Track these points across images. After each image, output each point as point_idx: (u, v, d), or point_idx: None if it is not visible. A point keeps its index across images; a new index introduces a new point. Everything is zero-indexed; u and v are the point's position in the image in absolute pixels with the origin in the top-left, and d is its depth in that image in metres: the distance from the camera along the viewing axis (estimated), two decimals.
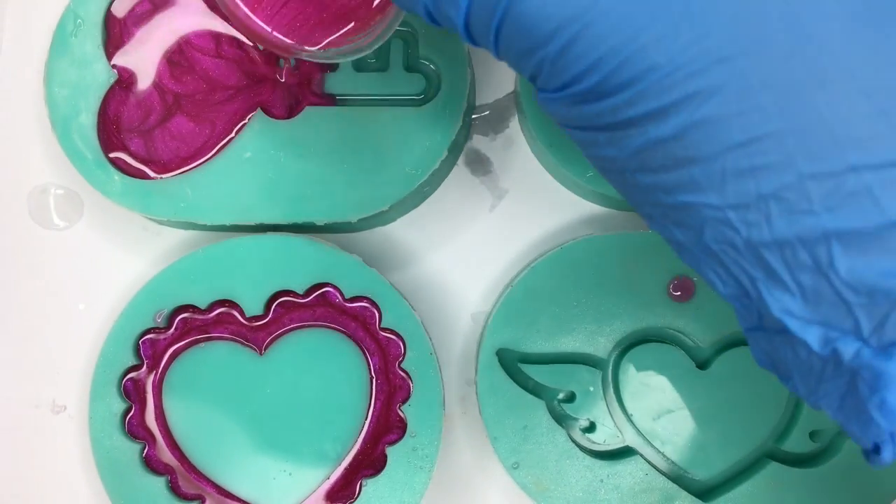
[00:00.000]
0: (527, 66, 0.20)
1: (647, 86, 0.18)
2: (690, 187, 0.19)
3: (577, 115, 0.20)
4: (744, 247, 0.19)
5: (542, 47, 0.19)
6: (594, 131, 0.20)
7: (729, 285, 0.20)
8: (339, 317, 0.32)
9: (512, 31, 0.19)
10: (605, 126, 0.20)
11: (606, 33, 0.18)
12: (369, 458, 0.32)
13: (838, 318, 0.18)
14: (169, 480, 0.32)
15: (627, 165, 0.20)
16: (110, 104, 0.33)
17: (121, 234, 0.35)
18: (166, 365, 0.32)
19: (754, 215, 0.18)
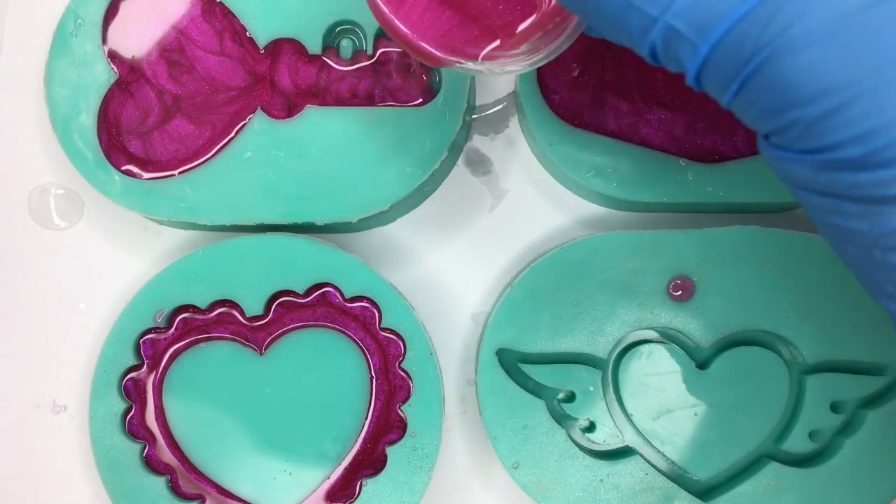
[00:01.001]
0: (770, 122, 0.19)
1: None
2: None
3: (826, 182, 0.19)
4: None
5: (799, 107, 0.18)
6: (843, 200, 0.19)
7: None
8: (339, 317, 0.32)
9: (763, 87, 0.18)
10: (860, 198, 0.18)
11: (888, 104, 0.17)
12: (369, 457, 0.32)
13: None
14: (169, 480, 0.32)
15: (879, 242, 0.19)
16: (110, 105, 0.33)
17: (121, 234, 0.35)
18: (166, 365, 0.32)
19: None
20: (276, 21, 0.32)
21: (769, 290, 0.31)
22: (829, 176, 0.19)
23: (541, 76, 0.32)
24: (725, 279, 0.31)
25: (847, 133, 0.18)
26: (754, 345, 0.31)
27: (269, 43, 0.33)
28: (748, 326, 0.31)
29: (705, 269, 0.31)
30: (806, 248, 0.31)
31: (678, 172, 0.32)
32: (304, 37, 0.32)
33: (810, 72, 0.17)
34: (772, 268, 0.31)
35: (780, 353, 0.31)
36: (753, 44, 0.18)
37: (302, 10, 0.32)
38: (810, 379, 0.31)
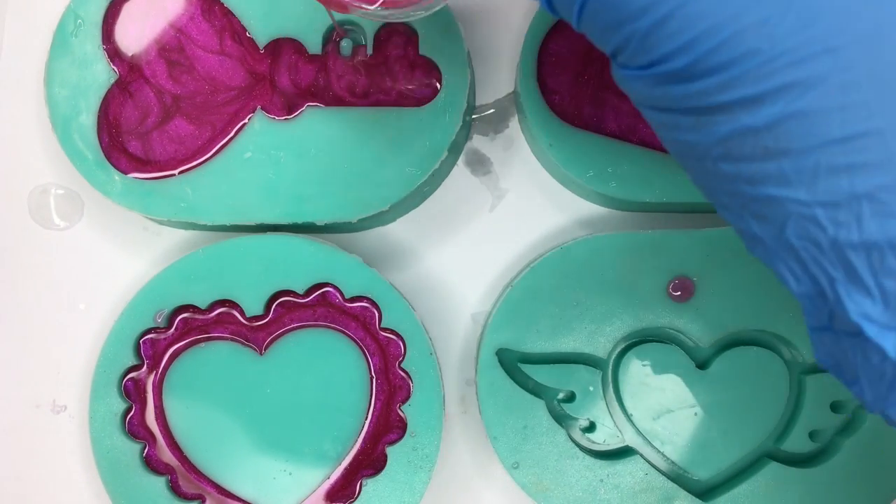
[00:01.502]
0: (610, 40, 0.19)
1: (744, 71, 0.17)
2: (778, 180, 0.18)
3: (661, 96, 0.19)
4: (828, 246, 0.18)
5: (631, 22, 0.18)
6: (677, 114, 0.19)
7: (803, 283, 0.19)
8: (339, 317, 0.32)
9: (600, 3, 0.18)
10: (691, 109, 0.19)
11: (705, 12, 0.17)
12: (369, 457, 0.32)
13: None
14: (169, 480, 0.32)
15: (710, 152, 0.19)
16: (111, 105, 0.33)
17: (121, 234, 0.35)
18: (167, 365, 0.32)
19: (844, 215, 0.18)
20: (276, 21, 0.32)
21: (769, 290, 0.31)
22: (663, 90, 0.19)
23: (541, 76, 0.32)
24: (725, 279, 0.31)
25: (672, 44, 0.18)
26: (754, 345, 0.31)
27: (269, 42, 0.33)
28: (748, 326, 0.31)
29: (705, 269, 0.31)
30: None
31: (678, 172, 0.32)
32: (304, 36, 0.32)
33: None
34: None
35: (780, 353, 0.31)
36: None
37: (302, 9, 0.32)
38: (810, 379, 0.31)
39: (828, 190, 0.18)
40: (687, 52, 0.18)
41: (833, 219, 0.18)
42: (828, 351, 0.20)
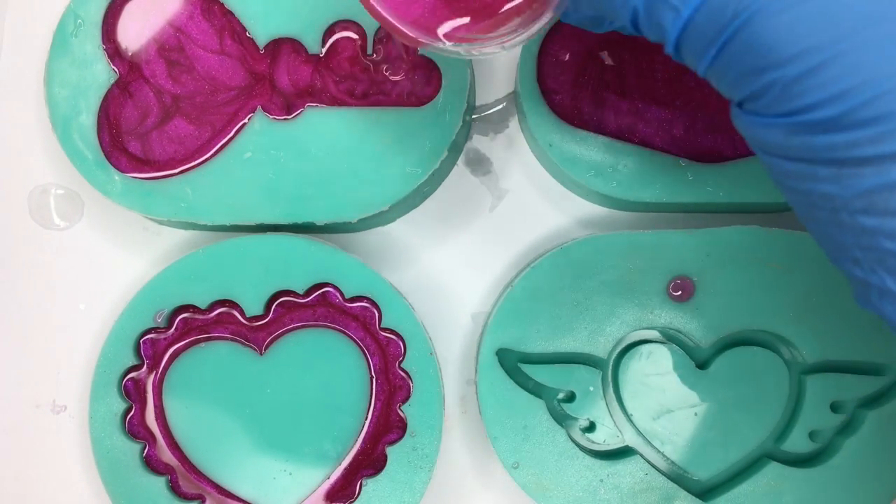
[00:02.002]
0: (746, 86, 0.19)
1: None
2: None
3: (799, 145, 0.19)
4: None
5: (776, 68, 0.18)
6: (815, 164, 0.19)
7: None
8: (339, 317, 0.32)
9: (742, 49, 0.18)
10: (834, 160, 0.19)
11: (863, 63, 0.17)
12: (369, 457, 0.32)
13: None
14: (169, 480, 0.32)
15: (849, 205, 0.19)
16: (110, 105, 0.33)
17: (121, 234, 0.35)
18: (166, 365, 0.32)
19: None
20: (275, 20, 0.32)
21: (769, 290, 0.31)
22: (803, 139, 0.19)
23: (541, 76, 0.32)
24: (725, 279, 0.31)
25: (823, 94, 0.18)
26: (754, 345, 0.31)
27: (269, 42, 0.33)
28: (748, 326, 0.31)
29: (705, 269, 0.31)
30: (806, 248, 0.31)
31: (678, 172, 0.32)
32: (304, 36, 0.32)
33: (788, 34, 0.18)
34: (773, 267, 0.31)
35: (780, 353, 0.31)
36: (734, 7, 0.18)
37: (301, 9, 0.32)
38: (810, 379, 0.31)
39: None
40: (839, 102, 0.18)
41: None
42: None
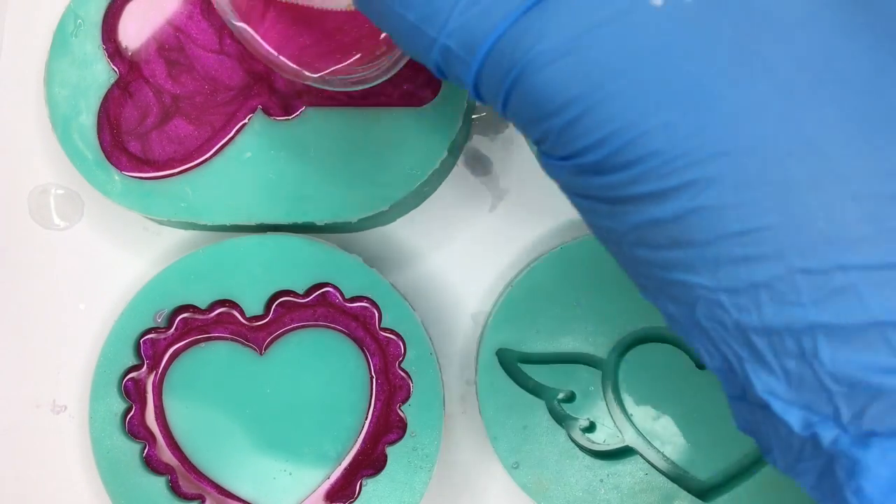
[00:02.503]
0: (533, 132, 0.21)
1: (649, 169, 0.19)
2: (685, 267, 0.20)
3: (580, 185, 0.21)
4: (733, 328, 0.20)
5: (548, 119, 0.20)
6: (595, 201, 0.21)
7: (716, 359, 0.21)
8: (339, 317, 0.32)
9: (520, 100, 0.20)
10: (606, 199, 0.20)
11: (614, 114, 0.19)
12: (369, 457, 0.32)
13: (819, 404, 0.19)
14: (169, 480, 0.32)
15: (625, 238, 0.20)
16: (110, 104, 0.33)
17: (121, 234, 0.35)
18: (167, 365, 0.32)
19: (745, 301, 0.19)
20: None
21: None
22: (581, 180, 0.20)
23: None
24: None
25: (585, 141, 0.19)
26: None
27: None
28: None
29: None
30: None
31: None
32: None
33: (550, 88, 0.19)
34: None
35: None
36: (508, 62, 0.19)
37: None
38: None
39: (729, 278, 0.19)
40: (599, 148, 0.19)
41: (736, 304, 0.19)
42: (745, 419, 0.21)
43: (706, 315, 0.20)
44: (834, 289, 0.18)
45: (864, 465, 0.18)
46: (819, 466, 0.20)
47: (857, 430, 0.19)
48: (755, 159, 0.18)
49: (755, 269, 0.19)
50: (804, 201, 0.18)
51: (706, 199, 0.18)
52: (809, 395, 0.19)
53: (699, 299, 0.20)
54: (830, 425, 0.19)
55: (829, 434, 0.19)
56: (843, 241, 0.18)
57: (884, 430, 0.18)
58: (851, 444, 0.19)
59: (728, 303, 0.19)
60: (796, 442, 0.20)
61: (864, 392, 0.18)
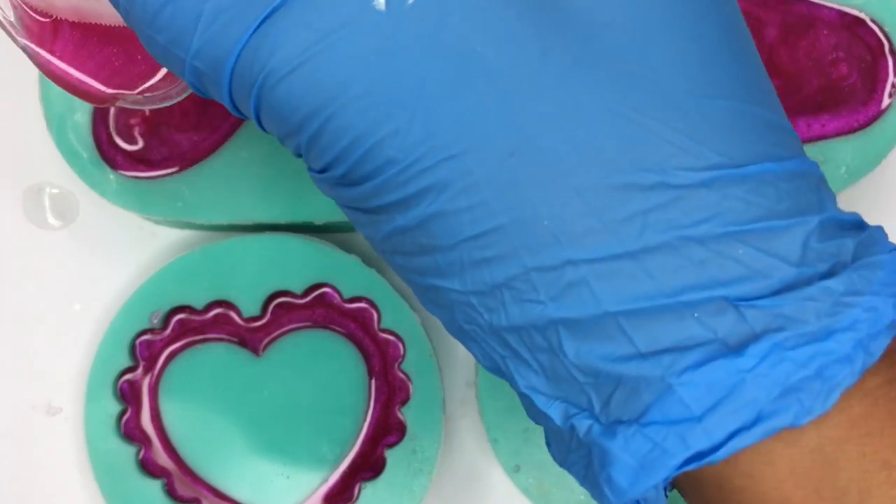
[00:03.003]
0: (290, 146, 0.21)
1: (388, 178, 0.19)
2: (437, 273, 0.20)
3: (339, 197, 0.21)
4: (488, 329, 0.20)
5: (295, 134, 0.20)
6: (356, 212, 0.21)
7: (487, 360, 0.21)
8: (337, 318, 0.32)
9: (268, 117, 0.20)
10: (362, 210, 0.20)
11: (348, 126, 0.19)
12: (368, 460, 0.31)
13: (574, 395, 0.20)
14: (165, 483, 0.31)
15: (384, 247, 0.21)
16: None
17: (117, 233, 0.35)
18: (162, 366, 0.32)
19: (492, 302, 0.19)
20: None
21: None
22: (337, 192, 0.21)
23: None
24: None
25: (329, 155, 0.19)
26: None
27: None
28: None
29: None
30: None
31: None
32: None
33: (288, 103, 0.19)
34: None
35: None
36: (249, 78, 0.19)
37: None
38: None
39: (474, 280, 0.19)
40: (342, 162, 0.19)
41: (485, 305, 0.20)
42: (533, 417, 0.22)
43: (464, 319, 0.20)
44: (566, 284, 0.19)
45: (611, 453, 0.19)
46: (583, 459, 0.20)
47: (606, 420, 0.19)
48: (479, 162, 0.18)
49: (494, 270, 0.19)
50: (529, 200, 0.18)
51: (441, 204, 0.19)
52: (566, 388, 0.20)
53: (455, 304, 0.20)
54: (585, 416, 0.19)
55: (583, 425, 0.19)
56: (569, 236, 0.18)
57: (627, 418, 0.19)
58: (601, 434, 0.19)
59: (478, 305, 0.20)
60: (565, 435, 0.20)
61: (607, 380, 0.19)
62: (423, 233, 0.19)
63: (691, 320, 0.18)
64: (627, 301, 0.18)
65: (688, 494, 0.21)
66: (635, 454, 0.18)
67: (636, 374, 0.19)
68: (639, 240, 0.18)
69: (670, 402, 0.18)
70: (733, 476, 0.19)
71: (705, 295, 0.18)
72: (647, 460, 0.18)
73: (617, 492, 0.19)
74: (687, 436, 0.18)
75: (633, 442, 0.19)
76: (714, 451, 0.18)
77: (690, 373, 0.18)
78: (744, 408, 0.18)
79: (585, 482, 0.20)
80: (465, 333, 0.21)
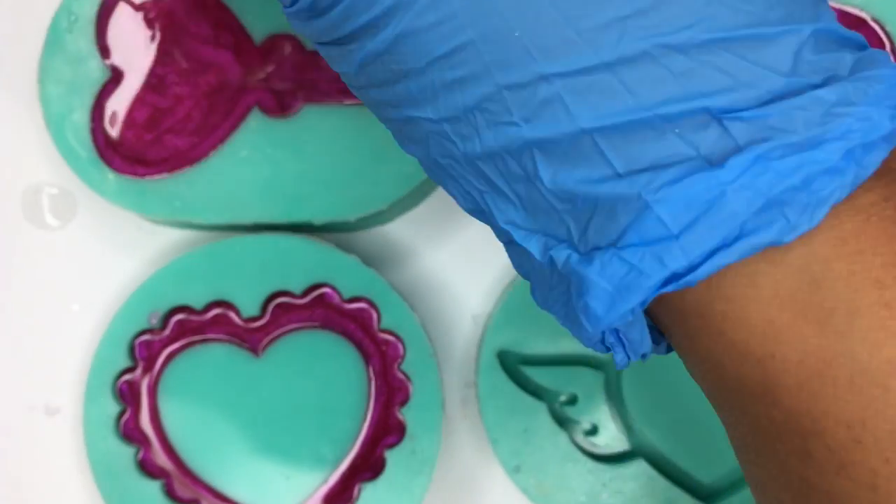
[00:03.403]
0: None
1: (352, 2, 0.19)
2: (410, 101, 0.19)
3: (311, 31, 0.20)
4: (464, 160, 0.19)
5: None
6: (329, 47, 0.20)
7: (466, 200, 0.20)
8: (337, 318, 0.32)
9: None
10: (334, 41, 0.20)
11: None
12: (367, 461, 0.31)
13: (553, 226, 0.19)
14: (164, 484, 0.31)
15: (359, 81, 0.20)
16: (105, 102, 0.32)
17: (115, 233, 0.35)
18: (161, 367, 0.32)
19: (465, 128, 0.19)
20: (273, 16, 0.32)
21: None
22: (309, 25, 0.20)
23: None
24: None
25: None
26: None
27: (266, 38, 0.32)
28: None
29: None
30: None
31: None
32: None
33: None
34: None
35: None
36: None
37: None
38: None
39: (447, 106, 0.19)
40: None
41: (459, 133, 0.19)
42: (514, 262, 0.21)
43: (439, 152, 0.19)
44: (540, 102, 0.18)
45: (588, 280, 0.18)
46: (563, 294, 0.19)
47: (584, 248, 0.18)
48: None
49: (466, 91, 0.18)
50: (498, 9, 0.17)
51: (409, 22, 0.18)
52: (544, 219, 0.19)
53: (429, 135, 0.19)
54: (564, 247, 0.19)
55: (561, 255, 0.19)
56: (541, 48, 0.17)
57: (605, 243, 0.18)
58: (579, 262, 0.18)
59: (452, 133, 0.19)
60: (544, 270, 0.19)
61: (584, 205, 0.18)
62: (393, 57, 0.19)
63: (671, 136, 0.17)
64: (604, 117, 0.17)
65: (672, 331, 0.20)
66: (611, 279, 0.18)
67: (613, 195, 0.17)
68: (615, 49, 0.17)
69: (647, 221, 0.17)
70: (714, 301, 0.18)
71: (687, 107, 0.17)
72: (622, 284, 0.17)
73: (593, 319, 0.18)
74: (664, 255, 0.17)
75: (609, 267, 0.18)
76: (692, 272, 0.17)
77: (667, 189, 0.17)
78: (723, 223, 0.17)
79: (567, 320, 0.19)
80: (442, 169, 0.20)
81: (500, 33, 0.17)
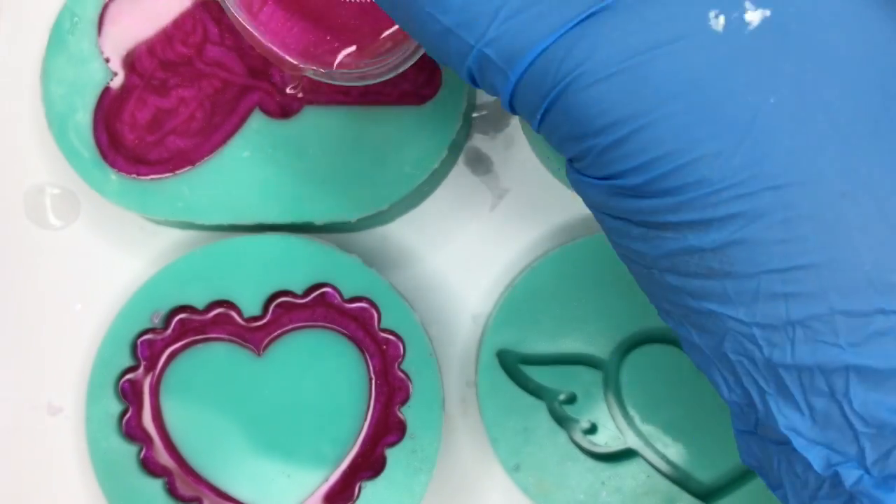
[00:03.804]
0: (570, 149, 0.20)
1: (695, 197, 0.19)
2: (720, 298, 0.19)
3: (614, 206, 0.20)
4: (762, 363, 0.19)
5: (591, 137, 0.19)
6: (629, 223, 0.20)
7: (735, 393, 0.21)
8: (338, 317, 0.32)
9: (561, 117, 0.19)
10: (642, 223, 0.20)
11: (663, 138, 0.18)
12: (368, 460, 0.31)
13: (843, 444, 0.19)
14: (166, 482, 0.31)
15: (657, 263, 0.20)
16: (107, 103, 0.33)
17: (118, 233, 0.35)
18: (164, 366, 0.32)
19: (779, 337, 0.19)
20: None
21: None
22: (617, 201, 0.20)
23: None
24: None
25: (629, 164, 0.19)
26: None
27: None
28: None
29: None
30: None
31: None
32: None
33: (597, 106, 0.19)
34: None
35: None
36: (552, 78, 0.19)
37: None
38: None
39: (765, 313, 0.19)
40: (643, 172, 0.19)
41: (768, 339, 0.19)
42: (753, 454, 0.21)
43: (734, 348, 0.20)
44: (873, 332, 0.18)
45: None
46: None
47: (880, 473, 0.19)
48: (807, 196, 0.18)
49: (794, 306, 0.19)
50: (851, 243, 0.18)
51: (752, 232, 0.18)
52: (834, 435, 0.19)
53: (729, 332, 0.20)
54: (854, 466, 0.19)
55: (852, 475, 0.19)
56: (888, 285, 0.18)
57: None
58: (875, 486, 0.19)
59: (761, 338, 0.19)
60: (813, 480, 0.20)
61: (891, 435, 0.18)
62: (718, 257, 0.19)
63: None
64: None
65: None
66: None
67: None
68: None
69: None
70: None
71: None
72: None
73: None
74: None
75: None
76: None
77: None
78: None
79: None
80: (726, 362, 0.20)
81: (849, 263, 0.18)
